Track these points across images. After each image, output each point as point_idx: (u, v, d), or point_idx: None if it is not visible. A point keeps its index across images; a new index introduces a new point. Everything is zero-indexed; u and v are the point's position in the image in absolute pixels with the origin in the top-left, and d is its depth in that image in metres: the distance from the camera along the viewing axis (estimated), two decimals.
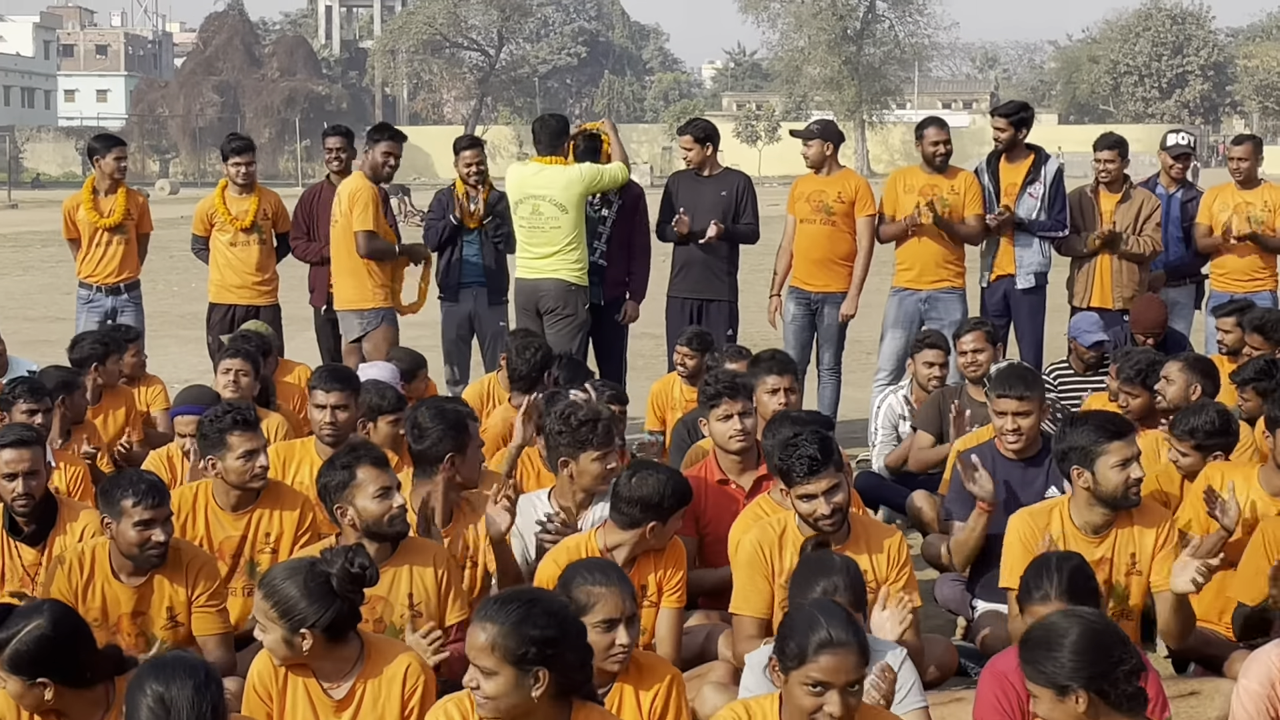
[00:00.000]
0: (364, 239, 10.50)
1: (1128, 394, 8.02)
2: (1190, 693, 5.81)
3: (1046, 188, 10.95)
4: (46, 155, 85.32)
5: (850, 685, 4.31)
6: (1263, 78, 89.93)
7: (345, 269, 10.68)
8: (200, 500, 6.65)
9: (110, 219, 11.58)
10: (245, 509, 6.63)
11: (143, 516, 5.69)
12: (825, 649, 4.29)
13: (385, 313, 10.65)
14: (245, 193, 11.41)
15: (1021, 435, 7.07)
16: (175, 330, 16.52)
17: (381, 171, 10.71)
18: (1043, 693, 4.30)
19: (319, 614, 4.75)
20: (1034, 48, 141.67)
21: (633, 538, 5.96)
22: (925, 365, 9.31)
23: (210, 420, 6.62)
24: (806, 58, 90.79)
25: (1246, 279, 11.25)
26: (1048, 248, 11.03)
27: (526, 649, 4.12)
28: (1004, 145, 11.02)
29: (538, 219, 10.54)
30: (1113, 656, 4.26)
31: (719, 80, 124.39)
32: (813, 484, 5.78)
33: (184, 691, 4.00)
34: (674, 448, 8.58)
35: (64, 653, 4.59)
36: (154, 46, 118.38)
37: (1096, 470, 5.99)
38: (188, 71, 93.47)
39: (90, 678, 4.66)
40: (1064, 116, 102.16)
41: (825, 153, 11.03)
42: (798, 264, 11.18)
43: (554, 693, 4.18)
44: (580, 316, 10.54)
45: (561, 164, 10.63)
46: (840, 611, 4.46)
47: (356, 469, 5.73)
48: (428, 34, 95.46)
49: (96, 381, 9.07)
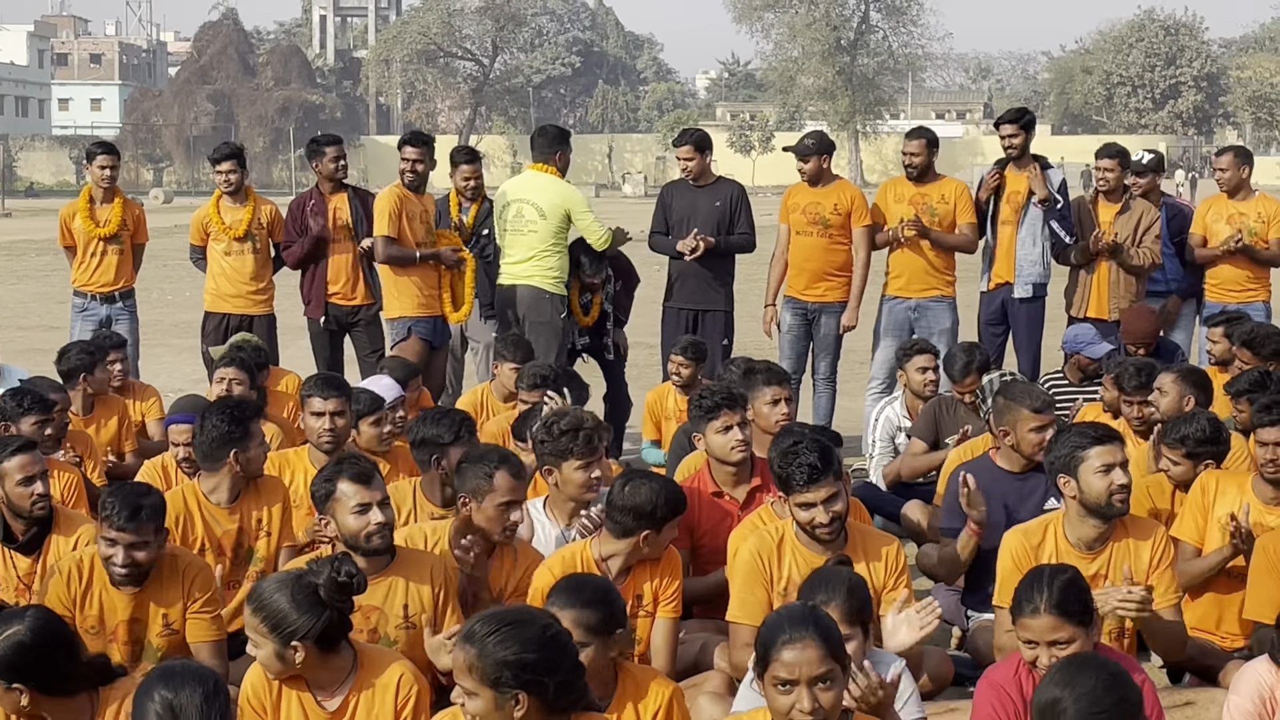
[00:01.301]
0: (381, 244, 10.60)
1: (1134, 404, 8.01)
2: (1185, 703, 5.81)
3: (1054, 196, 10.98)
4: (40, 164, 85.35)
5: (817, 679, 4.27)
6: (1256, 89, 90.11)
7: (390, 278, 10.81)
8: (193, 501, 6.72)
9: (106, 228, 11.60)
10: (236, 503, 6.78)
11: (108, 534, 5.70)
12: (784, 645, 4.29)
13: (434, 320, 10.67)
14: (240, 202, 11.40)
15: None
16: (169, 339, 16.50)
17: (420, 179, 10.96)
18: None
19: (309, 625, 4.73)
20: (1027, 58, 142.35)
21: (627, 547, 5.96)
22: (918, 371, 9.33)
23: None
24: (800, 68, 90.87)
25: (1239, 289, 11.26)
26: (1048, 259, 11.04)
27: (501, 673, 4.08)
28: (1018, 151, 11.05)
29: (519, 221, 10.57)
30: (1129, 701, 4.29)
31: (713, 90, 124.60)
32: (812, 492, 5.78)
33: (193, 699, 4.01)
34: (672, 455, 8.57)
35: (41, 661, 4.60)
36: (148, 55, 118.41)
37: (1080, 477, 5.97)
38: (182, 81, 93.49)
39: (70, 687, 4.66)
40: (1057, 127, 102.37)
41: (822, 166, 11.05)
42: (793, 275, 11.19)
43: (542, 712, 4.15)
44: (556, 324, 10.53)
45: (553, 174, 10.65)
46: (804, 611, 4.44)
47: (338, 482, 5.74)
48: (422, 43, 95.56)
49: (86, 391, 9.05)
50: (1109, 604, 5.65)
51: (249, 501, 6.82)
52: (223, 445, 6.69)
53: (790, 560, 5.85)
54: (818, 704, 4.28)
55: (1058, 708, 4.19)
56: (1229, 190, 11.39)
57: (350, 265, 11.27)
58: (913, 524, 8.27)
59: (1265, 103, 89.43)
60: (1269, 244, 11.24)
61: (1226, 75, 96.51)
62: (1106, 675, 4.25)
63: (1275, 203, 11.47)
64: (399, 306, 10.78)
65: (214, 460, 6.73)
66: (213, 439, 6.70)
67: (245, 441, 6.72)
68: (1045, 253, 11.02)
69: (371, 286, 11.40)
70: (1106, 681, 4.22)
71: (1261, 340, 9.02)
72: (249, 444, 6.74)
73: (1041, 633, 4.84)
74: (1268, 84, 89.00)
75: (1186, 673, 6.43)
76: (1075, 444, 6.01)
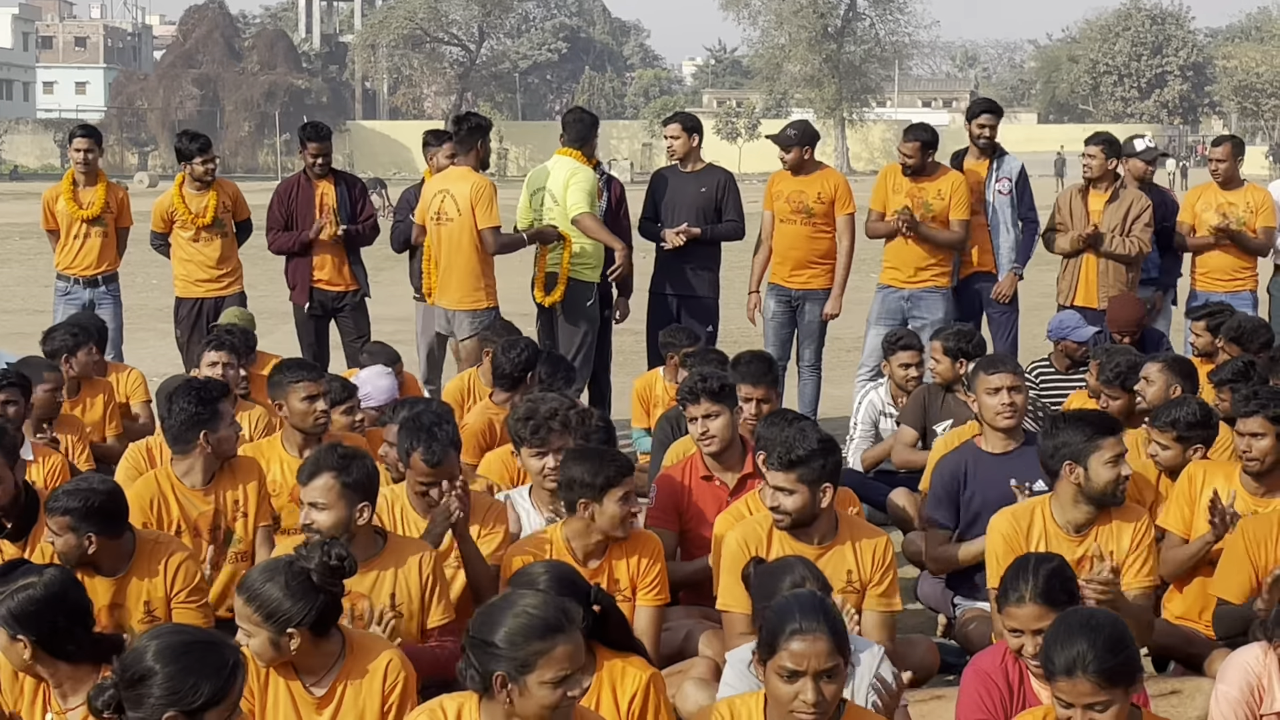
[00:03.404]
0: (493, 236, 10.26)
1: (1108, 395, 8.02)
2: (1171, 691, 5.81)
3: (1013, 184, 11.04)
4: (25, 147, 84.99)
5: (823, 673, 4.30)
6: (1241, 78, 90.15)
7: (460, 268, 10.33)
8: (166, 484, 6.70)
9: (89, 211, 11.56)
10: (210, 485, 6.75)
11: (59, 521, 5.67)
12: (795, 636, 4.30)
13: (495, 311, 10.39)
14: (203, 189, 11.35)
15: (1016, 410, 7.08)
16: (153, 324, 16.42)
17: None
18: (1114, 694, 4.23)
19: (304, 611, 4.72)
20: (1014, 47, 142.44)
21: (581, 525, 5.93)
22: (901, 367, 9.32)
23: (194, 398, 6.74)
24: (787, 55, 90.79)
25: (1227, 279, 11.30)
26: (1026, 245, 11.06)
27: None
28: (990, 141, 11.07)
29: (543, 210, 10.59)
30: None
31: (699, 77, 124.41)
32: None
33: None
34: (656, 443, 8.56)
35: (45, 616, 4.69)
36: (133, 39, 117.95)
37: (1089, 466, 6.00)
38: (167, 64, 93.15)
39: (71, 651, 4.72)
40: (1043, 116, 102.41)
41: (804, 157, 11.02)
42: (777, 262, 11.17)
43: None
44: (587, 312, 10.51)
45: (577, 158, 10.63)
46: (813, 600, 4.47)
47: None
48: (408, 28, 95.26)
49: (69, 373, 8.99)
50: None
51: (224, 483, 6.79)
52: (192, 427, 6.66)
53: (777, 548, 5.85)
54: (821, 696, 4.29)
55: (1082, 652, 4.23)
56: (1224, 180, 11.39)
57: (336, 251, 11.25)
58: (899, 511, 8.27)
59: (1251, 92, 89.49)
60: (1257, 233, 11.26)
61: (1212, 65, 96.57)
62: (1112, 624, 4.31)
63: (1263, 192, 11.49)
64: (489, 297, 10.40)
65: (184, 442, 6.70)
66: (181, 421, 6.67)
67: (215, 422, 6.69)
68: (1018, 238, 11.04)
69: (356, 272, 11.38)
70: (1115, 629, 4.28)
71: (1250, 334, 9.02)
72: (219, 424, 6.71)
73: (1027, 621, 4.85)
74: (1253, 74, 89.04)
75: (1172, 662, 6.44)
76: (1087, 433, 6.03)
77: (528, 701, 4.14)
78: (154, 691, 3.92)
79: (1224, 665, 5.20)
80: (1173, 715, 5.68)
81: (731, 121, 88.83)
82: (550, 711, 4.14)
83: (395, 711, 4.82)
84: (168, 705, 3.91)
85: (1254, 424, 6.39)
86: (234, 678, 4.00)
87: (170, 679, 3.92)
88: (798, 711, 4.32)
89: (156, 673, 3.93)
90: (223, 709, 3.97)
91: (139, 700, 3.94)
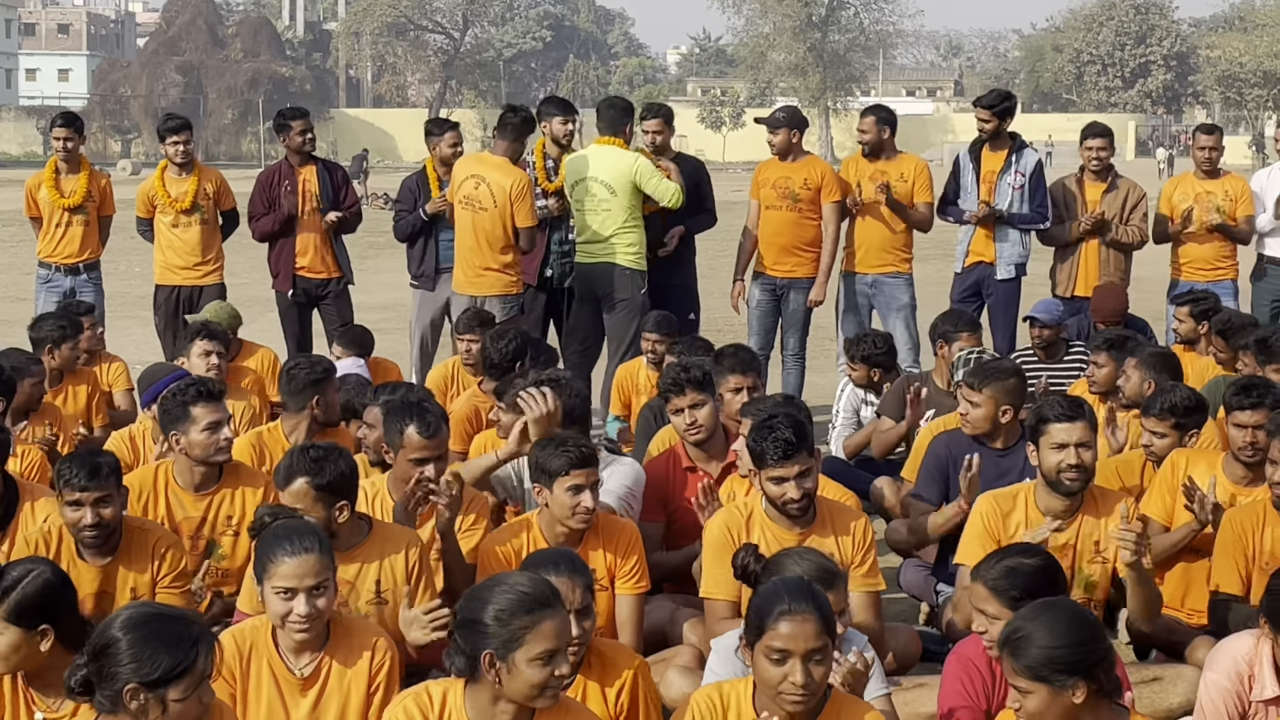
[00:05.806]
0: (530, 235, 10.34)
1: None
2: (1153, 679, 5.83)
3: (1027, 179, 10.98)
4: (7, 134, 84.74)
5: (811, 654, 4.31)
6: (1225, 68, 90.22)
7: (492, 258, 10.33)
8: (161, 480, 6.56)
9: (71, 199, 11.53)
10: (208, 490, 6.55)
11: (71, 497, 5.64)
12: (784, 617, 4.32)
13: (523, 294, 10.56)
14: (185, 173, 11.34)
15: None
16: (135, 311, 16.37)
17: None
18: (1036, 688, 4.17)
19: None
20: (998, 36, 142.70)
21: (547, 514, 5.83)
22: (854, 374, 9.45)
23: (173, 394, 6.57)
24: (771, 44, 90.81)
25: (1209, 268, 11.33)
26: (1028, 239, 11.07)
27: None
28: (988, 135, 11.06)
29: (591, 201, 10.55)
30: (1100, 642, 4.24)
31: (684, 65, 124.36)
32: (785, 468, 5.77)
33: None
34: (639, 433, 8.56)
35: (65, 601, 4.66)
36: (116, 26, 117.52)
37: (1040, 448, 6.06)
38: (150, 52, 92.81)
39: (78, 640, 4.62)
40: (1027, 105, 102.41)
41: (791, 140, 11.03)
42: (763, 250, 11.17)
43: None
44: (636, 300, 10.51)
45: (620, 146, 10.62)
46: (801, 583, 4.49)
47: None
48: (392, 16, 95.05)
49: (51, 365, 8.91)
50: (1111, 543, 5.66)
51: (223, 492, 6.58)
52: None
53: (759, 536, 5.84)
54: (810, 678, 4.31)
55: (1018, 635, 4.21)
56: (1210, 170, 11.41)
57: (319, 238, 11.23)
58: (882, 500, 8.27)
59: (1234, 82, 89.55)
60: (1237, 222, 11.29)
61: (1196, 54, 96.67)
62: (1074, 615, 4.26)
63: (1242, 181, 11.53)
64: (516, 284, 10.48)
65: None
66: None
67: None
68: (1024, 232, 11.03)
69: (340, 259, 11.35)
70: (1072, 620, 4.22)
71: (1236, 331, 8.98)
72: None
73: (979, 600, 4.87)
74: (1236, 63, 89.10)
75: (1153, 649, 6.46)
76: (1041, 415, 6.10)
77: (516, 680, 4.14)
78: (118, 661, 3.90)
79: (1213, 653, 5.20)
80: (1154, 701, 5.71)
81: (716, 110, 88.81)
82: (538, 691, 4.14)
83: (381, 693, 4.81)
84: (129, 678, 3.88)
85: (1252, 416, 6.39)
86: (196, 653, 3.94)
87: (131, 646, 3.89)
88: (786, 694, 4.33)
89: (119, 640, 3.91)
90: (184, 685, 3.91)
91: (103, 673, 3.92)
